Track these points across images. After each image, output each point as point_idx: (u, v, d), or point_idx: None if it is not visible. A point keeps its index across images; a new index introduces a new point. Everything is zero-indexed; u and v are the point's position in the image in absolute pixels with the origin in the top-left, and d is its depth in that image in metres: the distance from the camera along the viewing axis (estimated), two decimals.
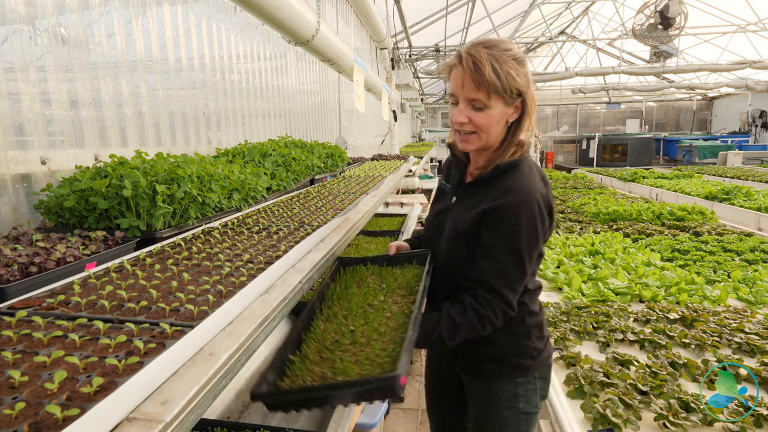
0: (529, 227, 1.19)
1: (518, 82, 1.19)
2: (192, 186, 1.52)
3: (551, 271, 3.05)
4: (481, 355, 1.36)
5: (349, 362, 1.06)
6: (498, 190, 1.23)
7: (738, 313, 2.38)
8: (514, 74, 1.18)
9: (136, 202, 1.38)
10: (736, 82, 13.97)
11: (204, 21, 2.56)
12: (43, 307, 0.85)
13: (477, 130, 1.23)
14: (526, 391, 1.34)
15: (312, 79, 4.65)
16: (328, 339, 1.23)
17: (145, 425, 0.54)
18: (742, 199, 5.80)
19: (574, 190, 7.40)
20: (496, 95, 1.19)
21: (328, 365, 1.11)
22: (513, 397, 1.34)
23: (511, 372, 1.34)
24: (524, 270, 1.22)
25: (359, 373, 0.97)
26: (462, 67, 1.19)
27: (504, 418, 1.34)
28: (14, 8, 1.40)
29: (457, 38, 10.92)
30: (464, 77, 1.19)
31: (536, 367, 1.35)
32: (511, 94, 1.20)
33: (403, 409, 3.03)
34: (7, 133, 1.39)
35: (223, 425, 1.44)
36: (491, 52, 1.18)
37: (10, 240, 1.20)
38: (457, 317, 1.23)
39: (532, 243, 1.21)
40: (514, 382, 1.34)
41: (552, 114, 21.23)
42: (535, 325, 1.36)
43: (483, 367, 1.36)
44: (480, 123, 1.21)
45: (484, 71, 1.16)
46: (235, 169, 1.99)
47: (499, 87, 1.17)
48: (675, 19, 8.51)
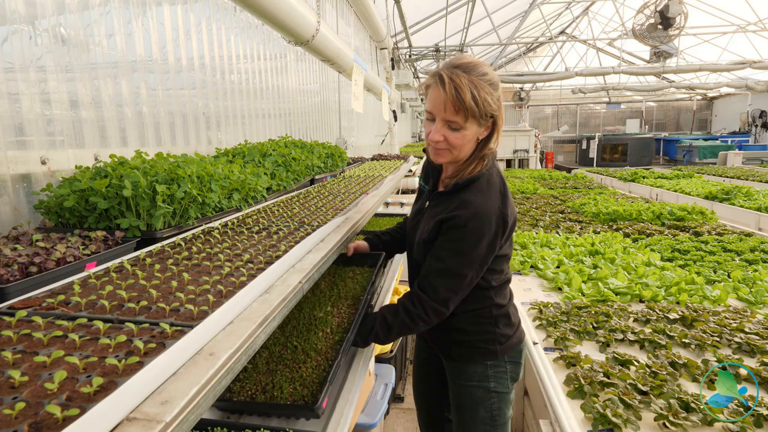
0: (475, 237, 1.30)
1: (492, 107, 1.31)
2: (192, 186, 1.52)
3: (551, 271, 3.05)
4: (452, 341, 1.50)
5: (285, 381, 1.30)
6: (455, 203, 1.35)
7: (738, 313, 2.38)
8: (489, 100, 1.29)
9: (136, 202, 1.38)
10: (736, 82, 13.97)
11: (204, 21, 2.56)
12: (43, 307, 0.85)
13: (450, 148, 1.35)
14: (496, 373, 1.48)
15: (312, 79, 4.64)
16: (276, 351, 1.54)
17: (145, 425, 0.54)
18: (742, 199, 5.80)
19: (574, 190, 7.40)
20: (473, 119, 1.29)
21: (270, 378, 1.39)
22: (483, 378, 1.47)
23: (480, 356, 1.48)
24: (463, 275, 1.33)
25: (290, 393, 1.24)
26: (443, 91, 1.27)
27: (477, 397, 1.48)
28: (14, 8, 1.40)
29: (457, 38, 10.92)
30: (445, 101, 1.28)
31: (505, 351, 1.48)
32: (485, 118, 1.31)
33: (403, 409, 3.03)
34: (7, 133, 1.39)
35: (223, 425, 1.44)
36: (470, 78, 1.27)
37: (10, 240, 1.20)
38: (389, 317, 1.42)
39: (476, 252, 1.31)
40: (483, 365, 1.48)
41: (552, 114, 21.23)
42: (502, 315, 1.48)
43: (453, 352, 1.51)
44: (454, 142, 1.32)
45: (465, 98, 1.25)
46: (235, 169, 1.99)
47: (476, 112, 1.27)
48: (675, 19, 8.50)
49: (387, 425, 2.86)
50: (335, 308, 1.68)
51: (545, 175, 9.30)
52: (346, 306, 1.70)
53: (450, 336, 1.51)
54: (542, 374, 1.83)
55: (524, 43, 14.54)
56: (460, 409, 1.53)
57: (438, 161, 1.43)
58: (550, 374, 1.82)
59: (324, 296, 1.75)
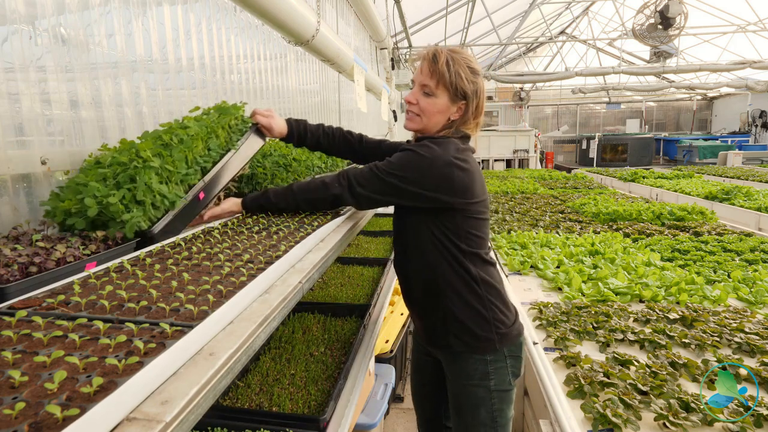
0: (406, 163, 1.40)
1: (465, 85, 1.40)
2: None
3: (551, 271, 3.05)
4: (450, 332, 1.48)
5: (285, 398, 1.46)
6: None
7: (738, 313, 2.38)
8: (463, 75, 1.39)
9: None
10: (736, 82, 13.96)
11: (204, 21, 2.56)
12: (43, 307, 0.85)
13: (420, 113, 1.45)
14: (497, 369, 1.46)
15: (312, 79, 4.64)
16: (271, 377, 1.69)
17: (145, 425, 0.54)
18: (742, 199, 5.80)
19: (574, 190, 7.40)
20: (444, 87, 1.40)
21: (267, 396, 1.55)
22: (484, 376, 1.46)
23: (479, 346, 1.45)
24: (380, 180, 1.42)
25: (291, 408, 1.37)
26: (423, 57, 1.43)
27: (477, 397, 1.46)
28: (14, 8, 1.40)
29: (457, 38, 10.91)
30: (423, 65, 1.43)
31: (504, 343, 1.46)
32: (456, 92, 1.41)
33: (403, 409, 3.03)
34: (7, 133, 1.39)
35: (223, 425, 1.44)
36: (452, 54, 1.41)
37: (10, 240, 1.20)
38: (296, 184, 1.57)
39: (403, 175, 1.39)
40: (483, 360, 1.45)
41: (552, 114, 21.22)
42: (494, 295, 1.49)
43: (452, 344, 1.48)
44: (424, 107, 1.43)
45: (439, 61, 1.39)
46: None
47: (447, 79, 1.38)
48: (675, 19, 8.50)
49: (387, 425, 2.86)
50: (329, 350, 1.98)
51: (545, 175, 9.30)
52: (337, 349, 1.97)
53: (447, 327, 1.48)
54: (542, 374, 1.83)
55: (524, 43, 14.53)
56: (460, 412, 1.51)
57: (408, 127, 1.52)
58: (550, 374, 1.82)
59: (314, 340, 2.06)
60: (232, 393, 1.65)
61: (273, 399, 1.59)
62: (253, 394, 1.63)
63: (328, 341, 2.04)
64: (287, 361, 1.86)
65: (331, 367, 1.82)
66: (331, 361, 1.87)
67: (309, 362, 1.84)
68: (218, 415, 1.47)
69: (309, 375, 1.74)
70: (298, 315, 2.35)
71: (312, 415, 1.47)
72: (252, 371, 1.78)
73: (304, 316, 2.33)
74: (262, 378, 1.73)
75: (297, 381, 1.70)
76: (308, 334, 2.10)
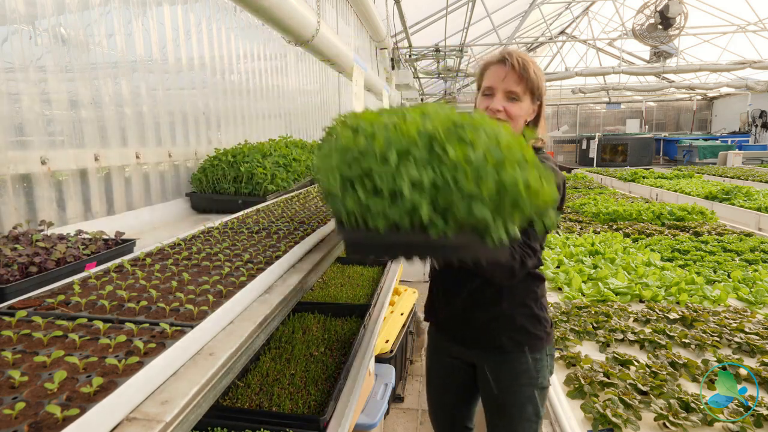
0: (562, 191, 1.42)
1: (541, 89, 1.44)
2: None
3: (551, 271, 3.05)
4: (503, 332, 1.45)
5: (284, 398, 1.51)
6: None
7: (738, 313, 2.38)
8: (541, 78, 1.44)
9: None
10: (736, 82, 13.95)
11: (204, 21, 2.56)
12: (43, 307, 0.85)
13: (508, 119, 1.42)
14: (542, 368, 1.47)
15: (312, 79, 4.64)
16: (271, 377, 1.71)
17: (145, 425, 0.54)
18: (742, 199, 5.79)
19: (574, 190, 7.39)
20: (529, 93, 1.42)
21: (266, 396, 1.58)
22: (533, 375, 1.45)
23: (530, 345, 1.45)
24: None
25: (291, 409, 1.38)
26: (507, 65, 1.40)
27: (525, 395, 1.46)
28: (14, 8, 1.40)
29: (457, 38, 10.91)
30: (507, 73, 1.39)
31: (549, 341, 1.49)
32: (535, 93, 1.43)
33: (403, 409, 3.03)
34: (7, 133, 1.39)
35: (223, 425, 1.44)
36: (526, 57, 1.43)
37: (10, 240, 1.20)
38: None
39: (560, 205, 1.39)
40: (533, 358, 1.45)
41: (552, 114, 21.20)
42: (543, 293, 1.51)
43: (504, 344, 1.45)
44: (512, 112, 1.42)
45: (529, 69, 1.40)
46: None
47: (534, 84, 1.41)
48: (675, 19, 8.50)
49: (387, 425, 2.86)
50: (329, 350, 2.00)
51: None
52: (336, 350, 1.99)
53: (498, 327, 1.45)
54: None
55: (524, 43, 14.53)
56: (503, 411, 1.49)
57: None
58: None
59: (314, 340, 2.08)
60: (232, 393, 1.65)
61: (273, 399, 1.59)
62: (253, 394, 1.63)
63: (328, 341, 2.04)
64: (287, 361, 1.85)
65: (331, 367, 1.82)
66: (331, 361, 1.87)
67: (309, 362, 1.84)
68: (218, 415, 1.47)
69: (309, 375, 1.74)
70: (298, 315, 2.35)
71: (312, 415, 1.47)
72: (252, 371, 1.78)
73: (304, 316, 2.33)
74: (262, 378, 1.73)
75: (297, 381, 1.70)
76: (308, 334, 2.10)
